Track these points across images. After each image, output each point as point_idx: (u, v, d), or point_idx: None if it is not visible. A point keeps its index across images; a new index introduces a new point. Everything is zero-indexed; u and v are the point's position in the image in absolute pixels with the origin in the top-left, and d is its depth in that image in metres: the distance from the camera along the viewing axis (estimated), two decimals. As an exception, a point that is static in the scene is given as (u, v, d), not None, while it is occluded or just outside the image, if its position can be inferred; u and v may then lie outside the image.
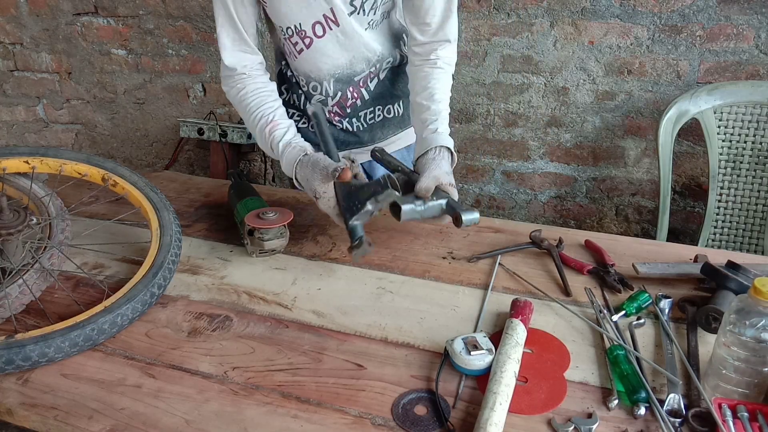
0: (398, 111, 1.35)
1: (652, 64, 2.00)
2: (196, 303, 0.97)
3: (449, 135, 1.15)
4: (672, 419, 0.70)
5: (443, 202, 0.98)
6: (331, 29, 1.14)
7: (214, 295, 0.99)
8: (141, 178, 1.17)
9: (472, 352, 0.79)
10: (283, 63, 1.31)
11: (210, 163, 2.59)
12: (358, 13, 1.13)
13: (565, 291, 0.97)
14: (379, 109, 1.32)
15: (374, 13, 1.15)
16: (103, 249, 1.11)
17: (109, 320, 0.87)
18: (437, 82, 1.16)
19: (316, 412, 0.75)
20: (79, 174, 1.16)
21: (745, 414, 0.69)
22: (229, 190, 1.30)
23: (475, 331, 0.86)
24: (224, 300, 0.98)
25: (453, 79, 1.22)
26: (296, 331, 0.90)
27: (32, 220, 1.01)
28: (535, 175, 2.32)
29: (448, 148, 1.10)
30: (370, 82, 1.26)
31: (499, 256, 1.08)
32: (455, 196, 1.02)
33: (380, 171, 1.41)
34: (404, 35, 1.28)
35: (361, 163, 1.37)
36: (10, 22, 2.71)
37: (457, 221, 0.93)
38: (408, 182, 1.03)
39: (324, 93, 1.25)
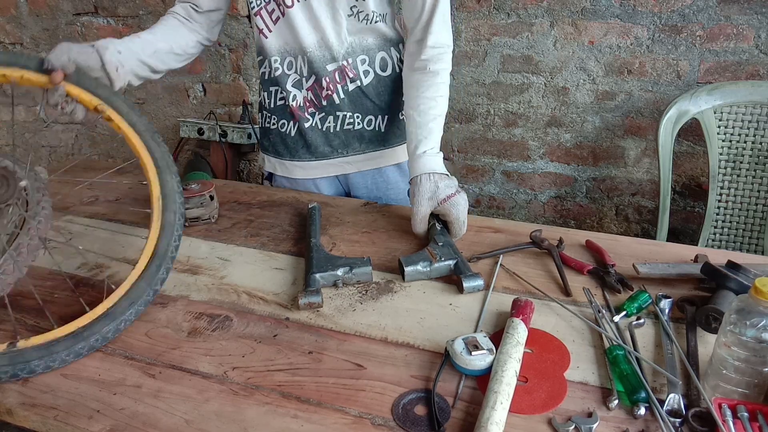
0: (380, 125, 1.32)
1: (652, 64, 2.00)
2: (196, 303, 0.97)
3: (437, 149, 1.15)
4: (672, 419, 0.70)
5: (451, 263, 1.01)
6: (298, 1, 1.16)
7: (214, 295, 0.99)
8: (142, 119, 1.02)
9: (473, 353, 0.79)
10: (258, 58, 1.31)
11: (210, 163, 2.60)
12: None
13: (565, 291, 0.97)
14: (358, 117, 1.30)
15: (365, 3, 1.17)
16: (103, 249, 1.11)
17: (112, 328, 0.87)
18: (427, 90, 1.16)
19: (316, 412, 0.75)
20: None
21: (745, 414, 0.69)
22: (184, 168, 1.33)
23: (475, 331, 0.86)
24: (224, 300, 0.98)
25: (451, 78, 1.21)
26: (296, 331, 0.90)
27: (24, 183, 0.93)
28: (535, 175, 2.32)
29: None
30: (349, 81, 1.25)
31: (501, 257, 1.08)
32: (453, 212, 1.08)
33: (360, 189, 1.39)
34: (399, 45, 1.27)
35: (336, 176, 1.38)
36: (10, 22, 2.71)
37: (459, 287, 0.97)
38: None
39: (299, 72, 1.25)
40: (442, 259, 1.00)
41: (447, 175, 1.13)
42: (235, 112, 2.60)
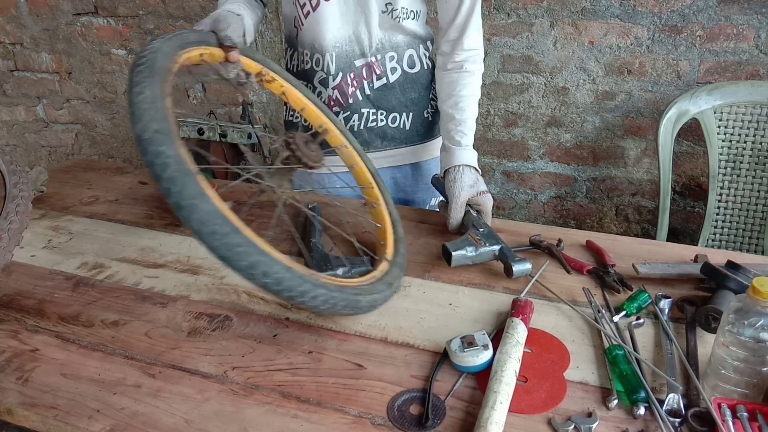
0: (404, 123, 1.32)
1: (652, 64, 2.00)
2: (196, 303, 0.97)
3: (472, 147, 1.18)
4: (671, 419, 0.70)
5: (496, 249, 1.01)
6: None
7: (214, 294, 1.00)
8: (300, 83, 1.17)
9: (466, 349, 0.79)
10: (289, 52, 1.30)
11: (210, 163, 2.59)
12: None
13: (565, 269, 1.02)
14: (382, 114, 1.29)
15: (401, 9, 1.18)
16: (103, 249, 1.11)
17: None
18: (464, 88, 1.19)
19: (316, 412, 0.75)
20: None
21: (745, 414, 0.69)
22: None
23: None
24: (224, 300, 0.98)
25: (482, 65, 1.23)
26: (296, 331, 0.90)
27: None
28: (535, 175, 2.32)
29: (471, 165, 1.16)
30: (376, 78, 1.25)
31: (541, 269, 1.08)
32: (488, 205, 1.13)
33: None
34: (428, 42, 1.27)
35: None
36: (10, 22, 2.71)
37: (508, 272, 0.97)
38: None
39: (326, 70, 1.23)
40: (487, 244, 1.01)
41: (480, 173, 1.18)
42: (235, 112, 2.60)
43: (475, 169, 1.17)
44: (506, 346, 0.79)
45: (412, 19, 1.21)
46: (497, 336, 0.85)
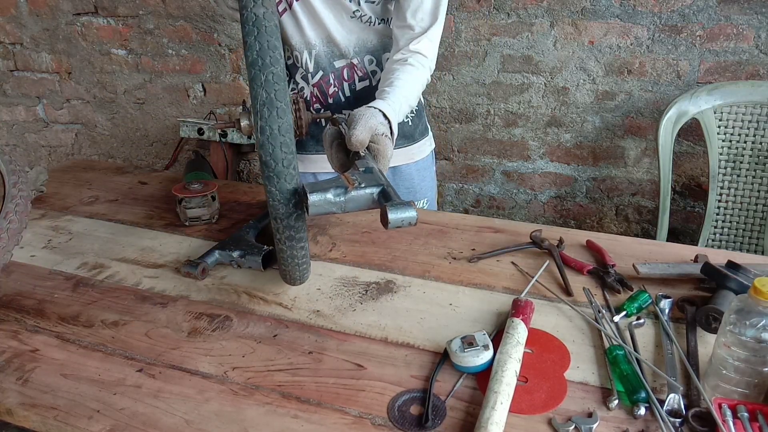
0: None
1: (652, 64, 2.00)
2: (196, 303, 0.97)
3: (391, 111, 1.02)
4: (672, 419, 0.70)
5: (375, 191, 0.77)
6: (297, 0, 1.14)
7: (214, 295, 0.99)
8: None
9: (466, 349, 0.79)
10: None
11: (210, 164, 2.59)
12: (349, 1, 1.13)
13: (566, 291, 0.97)
14: None
15: (371, 5, 1.15)
16: (103, 249, 1.11)
17: None
18: (402, 74, 1.12)
19: (316, 412, 0.74)
20: None
21: (745, 414, 0.69)
22: (186, 167, 1.33)
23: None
24: (224, 300, 0.98)
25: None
26: (296, 331, 0.90)
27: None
28: (535, 175, 2.32)
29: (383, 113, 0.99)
30: (358, 80, 1.25)
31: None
32: (387, 150, 0.91)
33: None
34: None
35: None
36: (10, 22, 2.71)
37: (383, 219, 0.73)
38: (341, 142, 0.91)
39: (305, 67, 1.24)
40: (363, 185, 0.78)
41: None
42: (235, 112, 2.60)
43: (388, 121, 1.00)
44: (506, 346, 0.79)
45: (383, 23, 1.21)
46: (497, 336, 0.85)
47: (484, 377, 0.77)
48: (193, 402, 0.77)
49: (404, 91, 1.10)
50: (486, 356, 0.78)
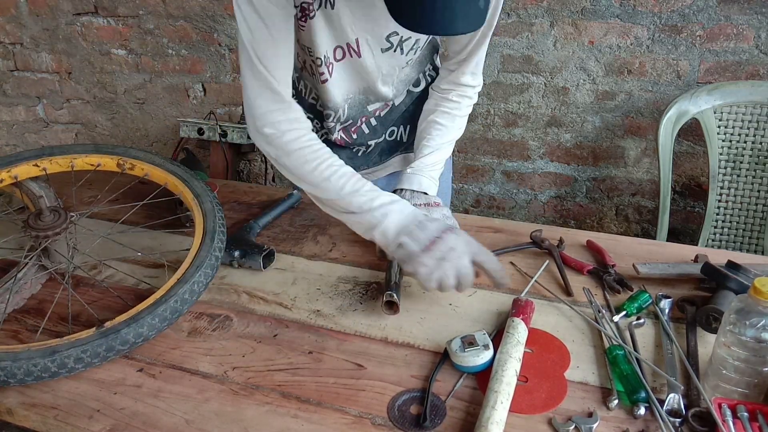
0: (402, 135, 1.28)
1: (652, 64, 2.00)
2: (196, 303, 0.97)
3: (432, 172, 1.10)
4: (672, 419, 0.70)
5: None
6: (351, 57, 1.04)
7: (214, 295, 0.99)
8: (157, 156, 1.17)
9: (466, 349, 0.79)
10: (299, 85, 1.19)
11: (210, 163, 2.59)
12: (395, 51, 1.05)
13: (566, 291, 0.97)
14: (382, 134, 1.25)
15: (414, 53, 1.08)
16: (103, 249, 1.11)
17: (187, 289, 0.90)
18: (441, 115, 1.14)
19: (316, 411, 0.75)
20: (92, 165, 1.15)
21: (745, 414, 0.69)
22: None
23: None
24: (224, 300, 0.98)
25: (473, 98, 1.17)
26: (296, 331, 0.90)
27: (73, 216, 1.02)
28: (535, 175, 2.32)
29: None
30: (383, 112, 1.20)
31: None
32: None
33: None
34: (434, 55, 1.21)
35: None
36: (10, 22, 2.71)
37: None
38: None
39: (336, 120, 1.16)
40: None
41: (426, 194, 1.07)
42: (235, 112, 2.60)
43: (415, 192, 1.07)
44: (507, 345, 0.79)
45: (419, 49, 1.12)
46: (497, 336, 0.85)
47: (484, 377, 0.77)
48: (193, 402, 0.77)
49: (442, 154, 1.13)
50: (486, 356, 0.79)
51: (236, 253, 1.05)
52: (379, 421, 0.73)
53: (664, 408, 0.71)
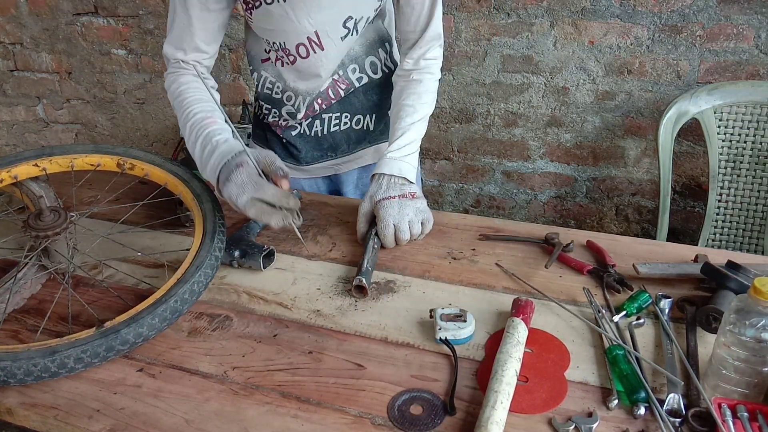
0: (368, 125, 1.32)
1: (652, 64, 2.00)
2: (196, 303, 0.97)
3: (405, 153, 1.13)
4: (672, 419, 0.70)
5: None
6: (315, 52, 1.14)
7: (214, 294, 0.99)
8: (157, 156, 1.17)
9: (449, 321, 0.85)
10: (255, 75, 1.28)
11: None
12: (352, 34, 1.13)
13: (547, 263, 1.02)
14: (346, 117, 1.29)
15: (364, 26, 1.15)
16: (103, 249, 1.11)
17: (187, 289, 0.89)
18: (407, 97, 1.17)
19: (316, 411, 0.75)
20: (92, 165, 1.15)
21: (745, 414, 0.69)
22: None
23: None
24: (224, 300, 0.98)
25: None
26: (296, 331, 0.90)
27: (73, 216, 1.02)
28: (535, 175, 2.32)
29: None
30: (343, 92, 1.25)
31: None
32: (381, 213, 1.06)
33: (348, 185, 1.39)
34: (386, 44, 1.26)
35: (326, 177, 1.39)
36: (10, 22, 2.71)
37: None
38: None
39: (296, 107, 1.25)
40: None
41: (405, 179, 1.11)
42: (235, 112, 2.60)
43: (389, 176, 1.11)
44: (507, 345, 0.79)
45: (369, 23, 1.19)
46: (498, 336, 0.85)
47: (484, 377, 0.77)
48: (193, 402, 0.77)
49: (415, 133, 1.15)
50: (468, 330, 0.84)
51: (236, 253, 1.05)
52: (379, 421, 0.73)
53: (664, 408, 0.71)
